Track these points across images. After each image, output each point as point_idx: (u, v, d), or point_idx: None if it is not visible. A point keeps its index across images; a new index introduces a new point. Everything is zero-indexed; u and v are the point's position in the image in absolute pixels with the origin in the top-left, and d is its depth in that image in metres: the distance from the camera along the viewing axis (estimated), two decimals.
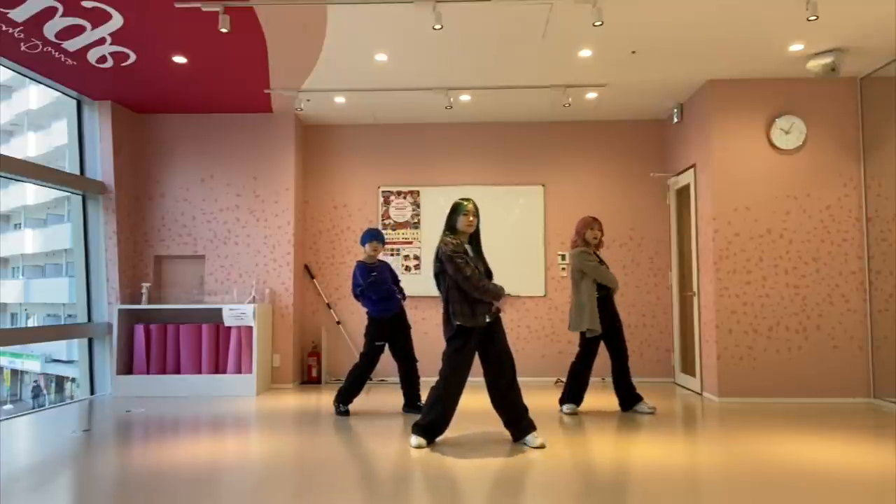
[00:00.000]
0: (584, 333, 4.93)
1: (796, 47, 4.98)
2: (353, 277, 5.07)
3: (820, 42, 4.90)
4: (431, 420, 3.99)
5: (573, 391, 5.00)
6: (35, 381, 19.19)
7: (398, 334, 5.11)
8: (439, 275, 4.03)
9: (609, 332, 4.94)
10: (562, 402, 5.05)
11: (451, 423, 4.07)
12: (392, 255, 6.85)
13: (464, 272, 3.86)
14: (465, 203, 4.04)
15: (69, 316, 17.08)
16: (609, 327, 4.93)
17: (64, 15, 4.34)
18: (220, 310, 6.11)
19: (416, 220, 6.93)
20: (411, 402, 5.11)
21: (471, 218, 4.02)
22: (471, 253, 4.04)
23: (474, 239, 4.11)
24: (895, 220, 5.33)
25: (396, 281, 5.29)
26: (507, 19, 4.49)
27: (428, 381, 4.49)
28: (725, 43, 4.91)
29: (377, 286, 5.00)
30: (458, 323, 3.90)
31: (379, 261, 5.21)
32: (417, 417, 4.14)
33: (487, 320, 3.94)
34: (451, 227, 4.06)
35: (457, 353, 3.95)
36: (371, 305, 5.04)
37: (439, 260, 3.99)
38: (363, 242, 5.14)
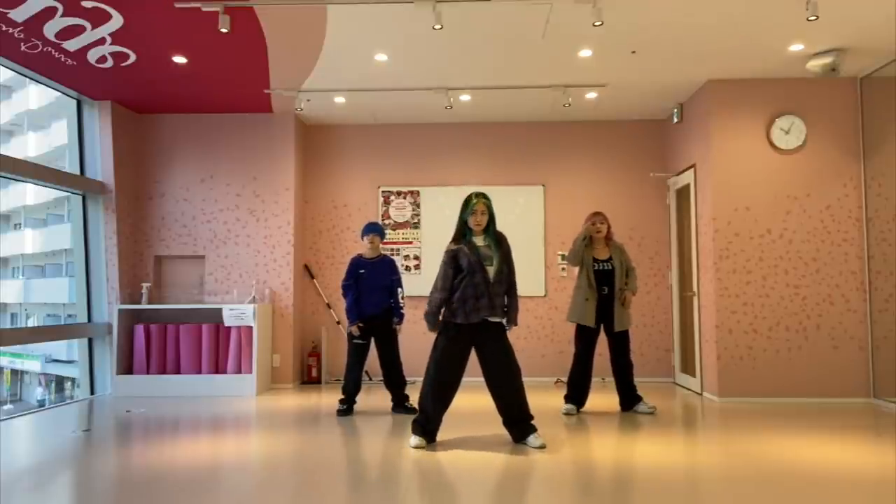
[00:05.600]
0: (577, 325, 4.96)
1: (796, 47, 4.98)
2: (346, 270, 5.10)
3: (820, 42, 4.90)
4: (427, 417, 3.99)
5: (574, 391, 4.99)
6: None
7: (382, 335, 5.06)
8: None
9: (613, 335, 4.96)
10: (567, 399, 5.04)
11: (452, 423, 4.07)
12: (392, 255, 6.84)
13: (434, 286, 4.05)
14: (474, 202, 3.97)
15: (69, 316, 17.07)
16: (611, 329, 4.95)
17: (64, 15, 4.34)
18: (220, 310, 6.11)
19: (416, 220, 6.93)
20: (399, 402, 5.09)
21: (478, 218, 3.97)
22: (488, 248, 4.00)
23: (489, 233, 4.04)
24: (895, 220, 5.33)
25: (395, 286, 5.09)
26: (507, 19, 4.49)
27: None
28: (725, 43, 4.91)
29: (357, 286, 4.98)
30: (449, 320, 3.96)
31: (381, 255, 5.17)
32: (407, 417, 4.13)
33: (488, 318, 3.93)
34: (463, 221, 4.02)
35: (442, 348, 4.01)
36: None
37: None
38: (362, 236, 5.16)
